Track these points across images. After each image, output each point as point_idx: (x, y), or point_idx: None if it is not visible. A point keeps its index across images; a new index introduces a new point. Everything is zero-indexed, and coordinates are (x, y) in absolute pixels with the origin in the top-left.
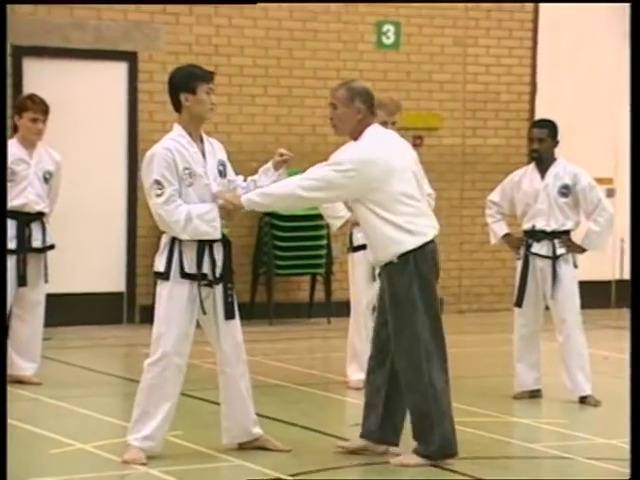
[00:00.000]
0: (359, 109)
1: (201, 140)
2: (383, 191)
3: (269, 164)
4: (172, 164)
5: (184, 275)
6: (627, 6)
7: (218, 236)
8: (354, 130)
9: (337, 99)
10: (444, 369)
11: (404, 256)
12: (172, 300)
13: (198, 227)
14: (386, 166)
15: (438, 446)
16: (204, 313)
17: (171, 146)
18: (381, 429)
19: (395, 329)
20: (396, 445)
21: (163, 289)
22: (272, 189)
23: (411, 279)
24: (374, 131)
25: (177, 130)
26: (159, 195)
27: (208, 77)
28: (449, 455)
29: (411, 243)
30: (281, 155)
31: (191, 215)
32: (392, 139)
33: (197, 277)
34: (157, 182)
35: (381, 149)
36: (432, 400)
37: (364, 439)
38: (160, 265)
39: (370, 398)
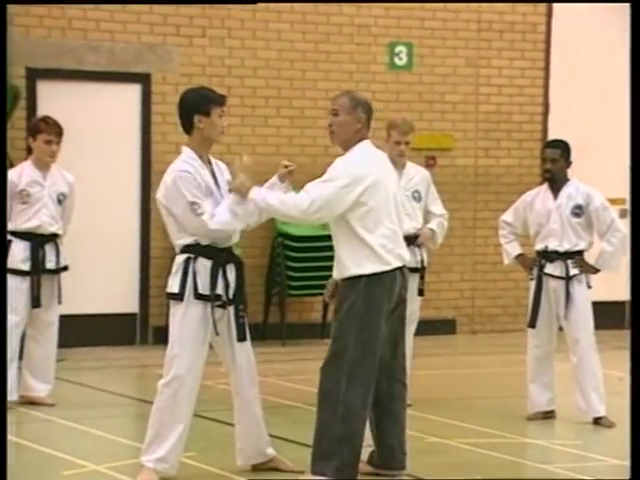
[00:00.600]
0: (360, 119)
1: (209, 162)
2: (367, 206)
3: (274, 178)
4: (196, 183)
5: (198, 296)
6: None
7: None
8: (349, 140)
9: (340, 106)
10: (365, 395)
11: (358, 277)
12: (186, 321)
13: (246, 214)
14: (374, 181)
15: (334, 470)
16: (217, 334)
17: (188, 168)
18: (379, 456)
19: (331, 339)
20: (401, 469)
21: (177, 310)
22: (276, 204)
23: (357, 298)
24: (366, 146)
25: (188, 153)
26: (200, 214)
27: (221, 100)
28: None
29: (370, 269)
30: (286, 167)
31: (230, 209)
32: (381, 158)
33: (211, 298)
34: (193, 203)
35: (370, 163)
36: (340, 420)
37: (368, 465)
38: (174, 286)
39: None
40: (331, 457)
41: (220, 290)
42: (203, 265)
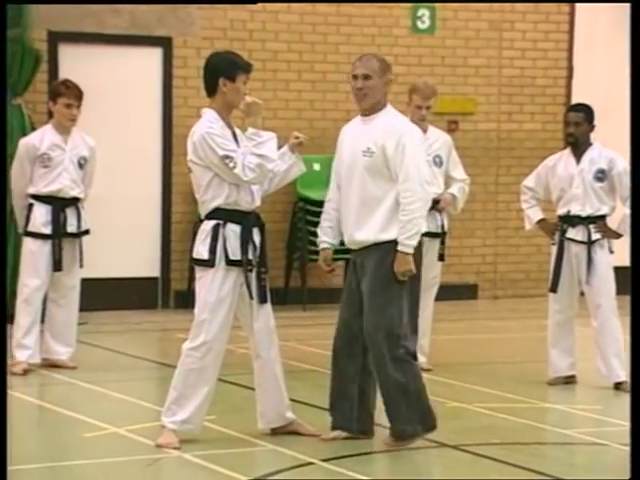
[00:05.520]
0: (389, 82)
1: (230, 126)
2: None
3: (285, 148)
4: (223, 134)
5: (229, 262)
6: None
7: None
8: (378, 102)
9: (371, 70)
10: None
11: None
12: (215, 287)
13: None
14: None
15: (420, 424)
16: (251, 298)
17: (214, 126)
18: (359, 420)
19: (377, 306)
20: (372, 436)
21: (206, 276)
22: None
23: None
24: (394, 109)
25: (211, 114)
26: (234, 167)
27: (248, 68)
28: (430, 429)
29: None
30: (296, 138)
31: (257, 154)
32: None
33: (243, 263)
34: (226, 157)
35: None
36: (410, 377)
37: (341, 430)
38: (204, 252)
39: (342, 388)
40: (414, 416)
41: (250, 255)
42: (232, 230)
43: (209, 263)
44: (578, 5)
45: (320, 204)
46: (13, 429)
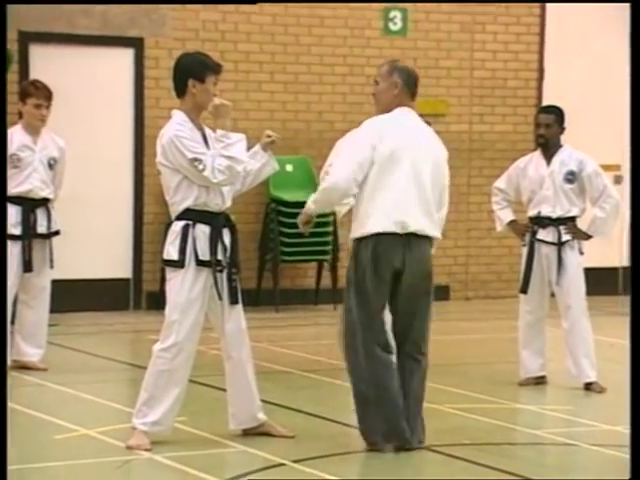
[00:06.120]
0: (396, 83)
1: (200, 127)
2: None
3: (257, 147)
4: (192, 136)
5: (199, 262)
6: None
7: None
8: (389, 104)
9: (379, 75)
10: (384, 355)
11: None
12: (185, 288)
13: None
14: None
15: (381, 434)
16: (220, 299)
17: (182, 128)
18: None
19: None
20: (421, 442)
21: (176, 277)
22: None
23: (352, 264)
24: (399, 111)
25: (180, 116)
26: (203, 169)
27: (217, 69)
28: (399, 442)
29: (359, 232)
30: (268, 136)
31: (226, 156)
32: (413, 124)
33: (212, 264)
34: (195, 160)
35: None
36: (371, 385)
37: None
38: (173, 253)
39: None
40: (376, 425)
41: (219, 255)
42: (202, 231)
43: (179, 264)
44: (549, 8)
45: (293, 205)
46: None
